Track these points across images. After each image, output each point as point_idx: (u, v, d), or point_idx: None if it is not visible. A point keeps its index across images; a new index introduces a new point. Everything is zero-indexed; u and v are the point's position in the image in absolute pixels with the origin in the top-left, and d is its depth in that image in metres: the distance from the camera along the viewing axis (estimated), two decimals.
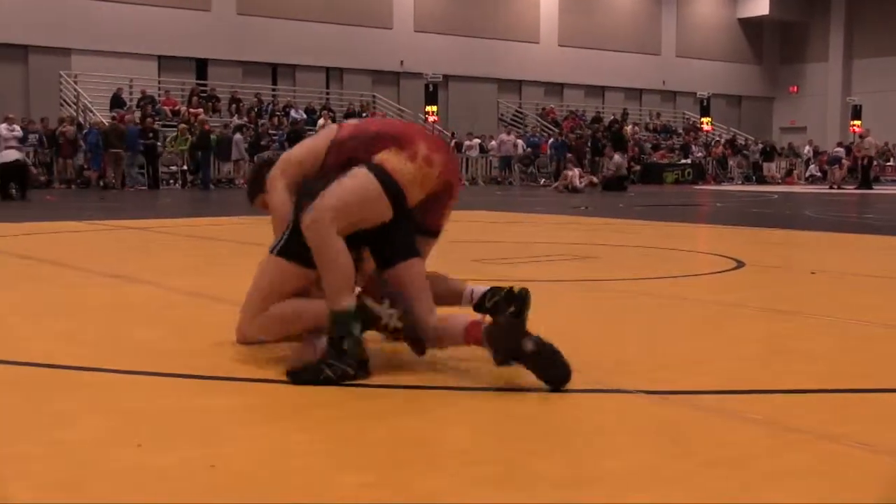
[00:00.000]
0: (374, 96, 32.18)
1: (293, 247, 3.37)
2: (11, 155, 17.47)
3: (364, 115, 30.64)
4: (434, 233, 3.66)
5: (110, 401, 2.97)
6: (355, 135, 3.55)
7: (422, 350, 3.25)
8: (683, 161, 33.41)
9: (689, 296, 5.58)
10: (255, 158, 21.92)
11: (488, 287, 3.62)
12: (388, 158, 3.35)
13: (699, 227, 12.59)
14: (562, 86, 37.26)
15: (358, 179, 3.29)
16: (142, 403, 2.93)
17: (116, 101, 25.99)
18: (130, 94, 27.05)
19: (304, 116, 28.57)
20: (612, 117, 35.42)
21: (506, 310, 3.46)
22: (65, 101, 26.52)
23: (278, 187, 3.56)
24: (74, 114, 25.61)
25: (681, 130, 37.77)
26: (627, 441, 2.60)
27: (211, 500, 2.11)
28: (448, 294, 3.63)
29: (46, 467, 2.32)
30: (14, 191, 16.69)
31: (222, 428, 2.69)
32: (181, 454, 2.43)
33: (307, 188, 3.43)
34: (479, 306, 3.56)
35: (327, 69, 31.94)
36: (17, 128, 22.56)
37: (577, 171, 24.95)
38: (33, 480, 2.24)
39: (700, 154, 34.45)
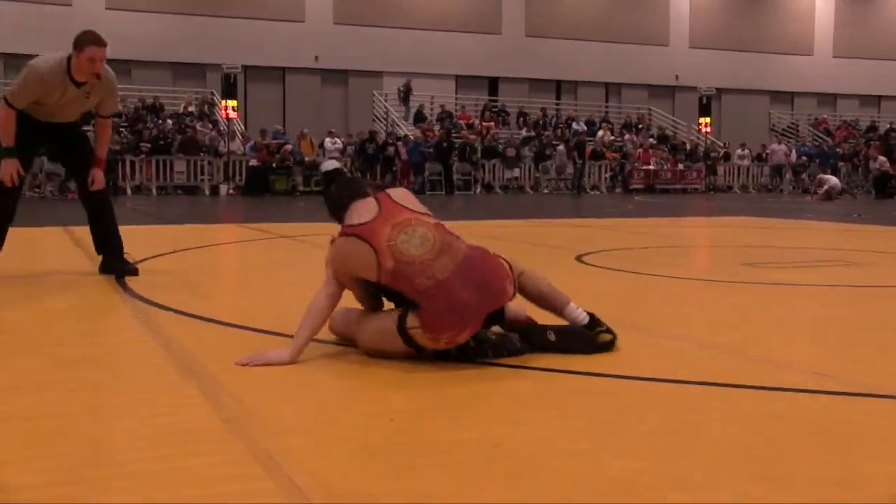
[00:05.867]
0: (649, 109, 31.71)
1: None
2: (332, 164, 18.86)
3: (640, 126, 30.27)
4: None
5: (394, 384, 3.11)
6: None
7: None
8: None
9: None
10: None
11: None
12: None
13: None
14: (835, 96, 34.97)
15: None
16: (427, 387, 3.04)
17: (419, 117, 27.26)
18: (431, 110, 28.26)
19: (585, 128, 28.65)
20: (888, 126, 32.75)
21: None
22: (376, 117, 28.10)
23: None
24: (384, 128, 27.09)
25: None
26: None
27: (492, 475, 2.18)
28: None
29: (316, 442, 2.49)
30: None
31: (507, 410, 2.77)
32: (469, 433, 2.52)
33: None
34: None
35: (606, 84, 31.87)
36: (339, 140, 24.21)
37: (833, 179, 23.14)
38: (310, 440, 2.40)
39: None
